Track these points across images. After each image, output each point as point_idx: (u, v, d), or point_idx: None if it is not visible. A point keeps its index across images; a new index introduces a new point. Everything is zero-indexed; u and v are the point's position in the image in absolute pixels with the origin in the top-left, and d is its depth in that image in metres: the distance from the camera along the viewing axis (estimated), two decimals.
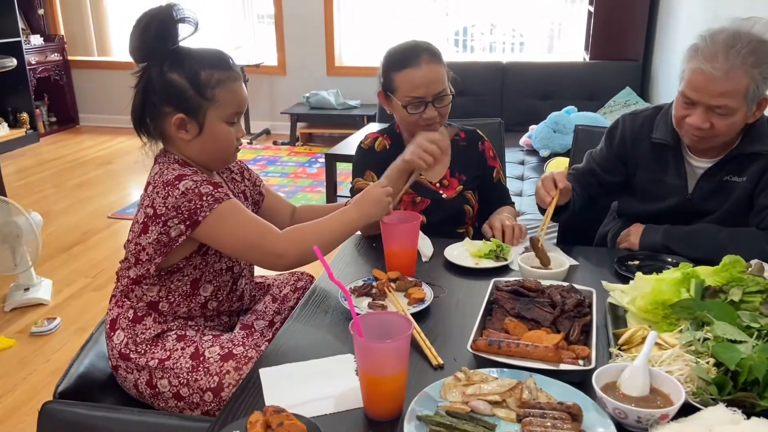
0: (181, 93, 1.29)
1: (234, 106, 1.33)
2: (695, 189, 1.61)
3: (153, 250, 1.30)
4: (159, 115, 1.32)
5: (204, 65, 1.30)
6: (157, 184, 1.29)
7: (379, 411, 0.98)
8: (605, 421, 0.92)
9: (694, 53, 1.45)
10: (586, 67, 4.72)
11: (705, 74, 1.41)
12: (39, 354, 2.59)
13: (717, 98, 1.42)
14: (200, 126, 1.31)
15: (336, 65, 5.99)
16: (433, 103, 1.67)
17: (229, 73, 1.32)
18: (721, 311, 1.06)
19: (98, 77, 6.45)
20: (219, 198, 1.26)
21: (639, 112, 1.72)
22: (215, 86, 1.30)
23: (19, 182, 4.79)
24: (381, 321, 1.01)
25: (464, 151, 1.86)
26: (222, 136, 1.34)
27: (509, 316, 1.21)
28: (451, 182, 1.82)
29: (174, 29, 1.30)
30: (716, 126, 1.46)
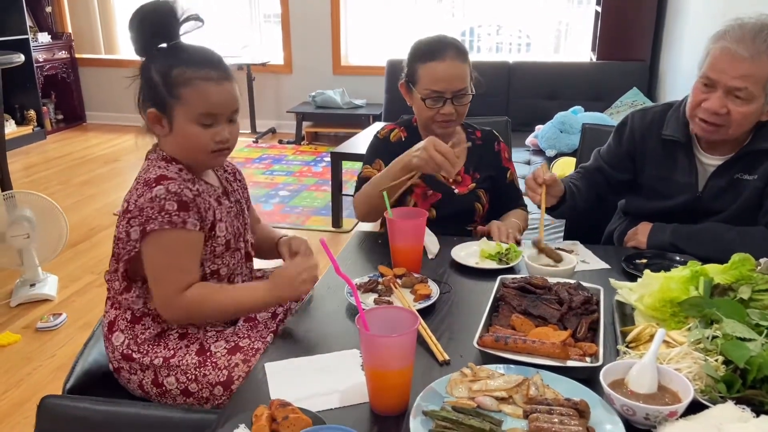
0: (154, 87, 1.27)
1: (202, 107, 1.26)
2: (705, 187, 1.60)
3: (119, 246, 1.29)
4: (143, 110, 1.32)
5: (181, 62, 1.26)
6: (140, 181, 1.29)
7: (384, 406, 0.98)
8: (613, 417, 0.91)
9: (721, 35, 1.45)
10: (593, 68, 4.70)
11: (731, 53, 1.41)
12: (44, 349, 2.60)
13: (738, 80, 1.42)
14: (171, 124, 1.29)
15: (342, 64, 5.99)
16: (452, 100, 1.67)
17: (205, 71, 1.26)
18: (730, 309, 1.05)
19: (105, 75, 6.47)
20: (174, 222, 1.23)
21: (649, 109, 1.71)
22: (182, 84, 1.25)
23: (26, 179, 4.81)
24: (387, 315, 1.01)
25: (480, 150, 1.85)
26: (192, 137, 1.28)
27: (516, 312, 1.20)
28: (465, 179, 1.82)
29: (171, 26, 1.28)
30: (732, 113, 1.45)
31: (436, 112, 1.67)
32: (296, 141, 5.87)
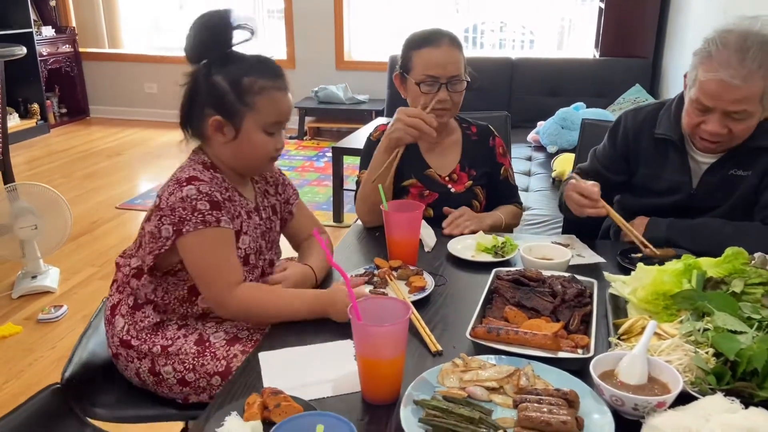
0: (222, 96, 1.29)
1: (273, 116, 1.31)
2: (699, 184, 1.60)
3: (149, 240, 1.30)
4: (200, 116, 1.32)
5: (249, 71, 1.29)
6: (173, 178, 1.31)
7: (376, 395, 0.99)
8: (602, 408, 0.92)
9: (706, 59, 1.42)
10: (596, 64, 4.69)
11: (723, 83, 1.38)
12: (45, 341, 2.61)
13: (734, 104, 1.40)
14: (236, 131, 1.30)
15: (345, 60, 5.99)
16: (447, 87, 1.67)
17: (275, 82, 1.31)
18: (722, 302, 1.05)
19: (109, 69, 6.48)
20: (208, 221, 1.25)
21: (641, 108, 1.71)
22: (256, 93, 1.29)
23: (29, 172, 4.83)
24: (379, 306, 1.02)
25: (475, 146, 1.85)
26: (257, 144, 1.32)
27: (509, 304, 1.21)
28: (461, 177, 1.81)
29: (228, 34, 1.30)
30: (734, 131, 1.45)
31: (430, 99, 1.67)
32: (299, 136, 5.88)
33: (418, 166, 1.78)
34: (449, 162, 1.81)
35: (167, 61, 6.31)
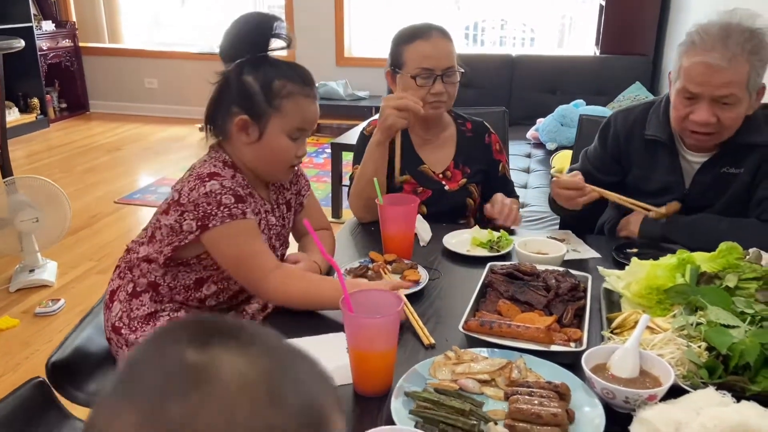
0: (251, 96, 1.29)
1: (298, 121, 1.31)
2: (692, 184, 1.59)
3: (166, 234, 1.30)
4: (227, 113, 1.32)
5: (281, 75, 1.30)
6: (193, 173, 1.30)
7: (367, 387, 0.99)
8: (593, 401, 0.92)
9: (690, 47, 1.43)
10: (596, 62, 4.68)
11: (707, 65, 1.39)
12: (42, 334, 2.61)
13: (722, 88, 1.40)
14: (261, 132, 1.30)
15: (345, 56, 5.98)
16: (442, 78, 1.66)
17: (304, 89, 1.32)
18: (715, 297, 1.05)
19: (109, 64, 6.47)
20: (234, 214, 1.25)
21: (631, 109, 1.71)
22: (284, 97, 1.29)
23: (28, 166, 4.83)
24: (371, 298, 1.02)
25: (470, 143, 1.84)
26: (279, 148, 1.32)
27: (503, 298, 1.20)
28: (455, 174, 1.80)
29: (266, 37, 1.31)
30: (722, 119, 1.44)
31: (426, 92, 1.66)
32: None
33: (412, 162, 1.77)
34: (443, 158, 1.81)
35: (167, 56, 6.30)
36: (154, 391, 0.44)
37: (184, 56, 6.24)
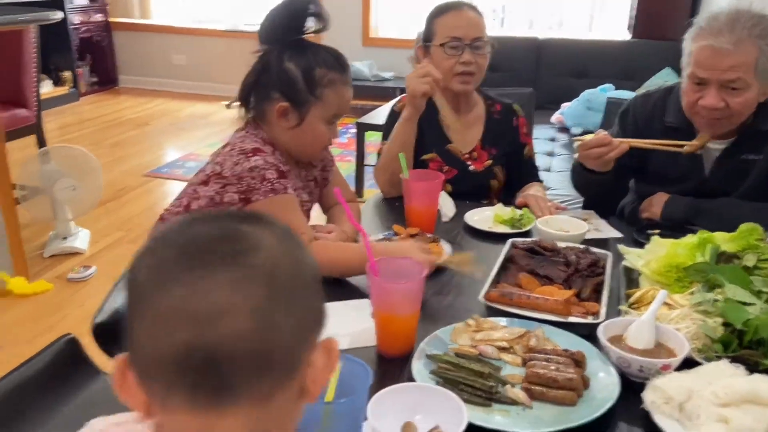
0: (293, 83, 1.33)
1: (336, 108, 1.36)
2: (712, 171, 1.59)
3: (205, 204, 1.35)
4: (266, 97, 1.36)
5: (321, 63, 1.33)
6: (235, 148, 1.34)
7: (391, 349, 1.03)
8: (608, 369, 0.95)
9: (697, 32, 1.45)
10: (626, 46, 4.62)
11: (713, 49, 1.40)
12: (74, 298, 2.71)
13: (728, 72, 1.41)
14: (301, 119, 1.35)
15: (371, 36, 5.97)
16: (471, 48, 1.68)
17: (343, 76, 1.36)
18: (733, 275, 1.07)
19: (138, 40, 6.55)
20: (276, 189, 1.29)
21: (650, 94, 1.71)
22: (325, 85, 1.33)
23: (60, 138, 4.94)
24: (396, 265, 1.05)
25: (498, 125, 1.85)
26: (317, 134, 1.37)
27: (523, 272, 1.24)
28: (481, 155, 1.82)
29: (304, 20, 1.34)
30: (731, 104, 1.45)
31: (455, 62, 1.68)
32: None
33: (440, 140, 1.80)
34: (471, 138, 1.82)
35: (196, 33, 6.36)
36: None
37: (211, 33, 6.29)
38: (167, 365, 0.50)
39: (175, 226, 0.56)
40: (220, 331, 0.49)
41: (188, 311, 0.50)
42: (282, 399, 0.54)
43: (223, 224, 0.55)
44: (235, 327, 0.50)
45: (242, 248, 0.53)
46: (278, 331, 0.52)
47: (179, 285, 0.51)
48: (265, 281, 0.52)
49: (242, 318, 0.50)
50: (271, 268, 0.53)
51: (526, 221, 1.55)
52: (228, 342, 0.50)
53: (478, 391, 0.90)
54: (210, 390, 0.51)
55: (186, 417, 0.52)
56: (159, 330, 0.50)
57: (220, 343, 0.49)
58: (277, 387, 0.54)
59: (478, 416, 0.86)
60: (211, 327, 0.49)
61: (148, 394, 0.54)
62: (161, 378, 0.51)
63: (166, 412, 0.53)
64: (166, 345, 0.50)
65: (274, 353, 0.52)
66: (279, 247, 0.55)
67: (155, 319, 0.51)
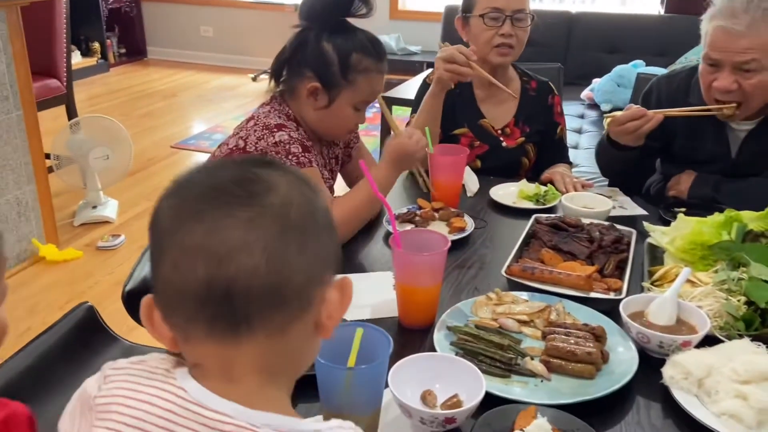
0: (327, 65, 1.32)
1: (366, 95, 1.37)
2: (739, 153, 1.56)
3: None
4: (298, 74, 1.36)
5: (359, 48, 1.33)
6: (258, 123, 1.35)
7: (412, 320, 1.05)
8: (628, 344, 0.95)
9: (713, 14, 1.42)
10: (660, 21, 4.51)
11: (726, 30, 1.37)
12: (104, 266, 2.78)
13: (741, 54, 1.38)
14: (330, 101, 1.35)
15: (399, 9, 5.91)
16: (511, 20, 1.65)
17: (378, 65, 1.35)
18: (760, 254, 1.06)
19: (167, 11, 6.57)
20: (302, 162, 1.31)
21: (674, 75, 1.68)
22: (360, 72, 1.33)
23: (90, 108, 5.01)
24: (419, 237, 1.07)
25: (533, 102, 1.82)
26: (344, 118, 1.38)
27: (546, 247, 1.24)
28: (514, 132, 1.80)
29: (349, 5, 1.32)
30: (744, 86, 1.42)
31: (494, 34, 1.65)
32: None
33: (472, 115, 1.77)
34: (504, 114, 1.80)
35: (223, 4, 6.36)
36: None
37: (239, 5, 6.28)
38: (188, 299, 0.54)
39: (196, 171, 0.60)
40: (235, 267, 0.53)
41: (207, 248, 0.53)
42: (296, 332, 0.58)
43: (242, 168, 0.58)
44: (249, 263, 0.53)
45: (258, 190, 0.55)
46: (289, 268, 0.55)
47: (199, 224, 0.54)
48: (278, 220, 0.55)
49: (255, 255, 0.53)
50: (283, 208, 0.55)
51: (551, 197, 1.54)
52: (243, 277, 0.53)
53: (497, 362, 0.92)
54: (227, 322, 0.54)
55: (206, 347, 0.56)
56: (181, 266, 0.54)
57: (235, 279, 0.53)
58: (292, 320, 0.57)
59: (497, 387, 0.87)
60: (227, 263, 0.53)
61: (171, 328, 0.58)
62: (183, 311, 0.55)
63: (188, 342, 0.57)
64: (187, 280, 0.53)
65: (287, 288, 0.55)
66: (293, 189, 0.57)
67: (178, 256, 0.54)
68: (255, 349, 0.56)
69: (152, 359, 0.62)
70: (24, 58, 2.58)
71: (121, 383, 0.59)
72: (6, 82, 2.53)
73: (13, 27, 2.52)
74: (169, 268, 0.55)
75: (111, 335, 1.35)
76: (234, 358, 0.56)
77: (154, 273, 0.57)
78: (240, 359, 0.56)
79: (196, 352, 0.57)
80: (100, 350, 1.31)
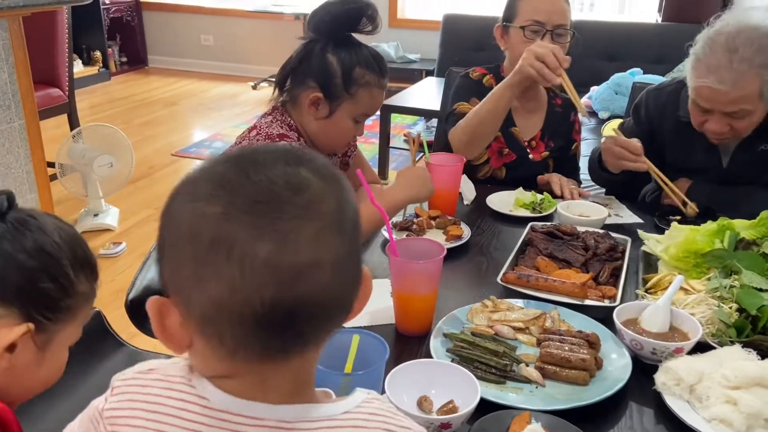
0: (331, 76, 1.35)
1: (366, 109, 1.40)
2: (730, 163, 1.58)
3: None
4: (302, 83, 1.39)
5: (362, 63, 1.36)
6: (261, 132, 1.38)
7: (409, 327, 1.06)
8: (621, 351, 0.97)
9: (695, 63, 1.42)
10: (657, 29, 4.54)
11: (712, 89, 1.38)
12: (105, 274, 2.73)
13: (730, 105, 1.40)
14: (330, 112, 1.38)
15: (398, 17, 5.95)
16: (552, 35, 1.63)
17: (379, 80, 1.38)
18: (751, 262, 1.08)
19: (168, 20, 6.62)
20: None
21: (662, 88, 1.69)
22: (361, 85, 1.36)
23: (91, 117, 5.04)
24: (415, 245, 1.08)
25: (558, 118, 1.82)
26: (343, 128, 1.41)
27: (542, 255, 1.25)
28: (539, 145, 1.79)
29: (357, 22, 1.35)
30: (736, 127, 1.45)
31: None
32: None
33: (506, 121, 1.70)
34: (532, 126, 1.80)
35: (223, 13, 6.40)
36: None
37: (239, 14, 6.32)
38: (246, 320, 0.49)
39: (230, 168, 0.53)
40: (305, 286, 0.49)
41: (278, 267, 0.48)
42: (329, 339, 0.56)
43: (284, 169, 0.52)
44: (320, 281, 0.50)
45: (313, 198, 0.51)
46: (347, 278, 0.53)
47: (265, 239, 0.48)
48: (336, 230, 0.52)
49: (326, 271, 0.50)
50: (339, 215, 0.52)
51: (547, 206, 1.56)
52: (312, 296, 0.50)
53: (493, 369, 0.93)
54: (282, 341, 0.51)
55: (250, 365, 0.52)
56: (243, 286, 0.48)
57: (303, 298, 0.49)
58: (336, 328, 0.55)
59: (492, 393, 0.89)
60: (298, 282, 0.49)
61: (207, 343, 0.52)
62: (235, 330, 0.50)
63: (230, 360, 0.52)
64: (249, 301, 0.49)
65: (344, 298, 0.54)
66: (337, 192, 0.54)
67: (238, 274, 0.48)
68: (294, 364, 0.54)
69: (163, 367, 0.59)
70: (26, 67, 2.60)
71: (133, 395, 0.57)
72: (8, 91, 2.55)
73: (15, 36, 2.54)
74: (224, 287, 0.49)
75: (117, 340, 1.37)
76: (273, 374, 0.53)
77: (195, 291, 0.51)
78: (279, 374, 0.54)
79: (234, 368, 0.53)
80: (107, 355, 1.33)
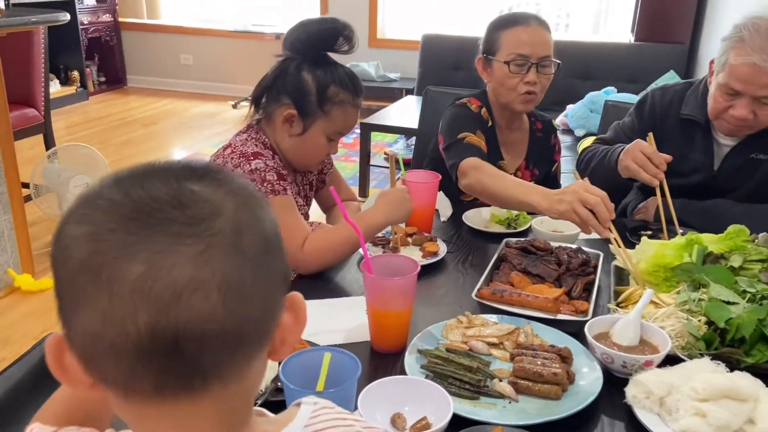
0: (305, 94, 1.37)
1: (340, 127, 1.41)
2: (721, 166, 1.62)
3: None
4: (276, 100, 1.40)
5: (337, 81, 1.38)
6: (236, 151, 1.38)
7: (383, 344, 1.06)
8: (593, 365, 0.98)
9: (738, 43, 1.45)
10: (631, 49, 4.64)
11: (755, 66, 1.41)
12: None
13: (764, 89, 1.43)
14: (304, 129, 1.39)
15: (378, 37, 6.01)
16: (537, 68, 1.62)
17: (354, 99, 1.41)
18: (719, 275, 1.09)
19: (147, 40, 6.61)
20: (276, 190, 1.34)
21: (669, 87, 1.73)
22: (335, 104, 1.38)
23: (68, 137, 5.00)
24: (390, 262, 1.09)
25: (540, 143, 1.81)
26: (317, 146, 1.42)
27: (516, 270, 1.26)
28: (524, 175, 1.78)
29: (333, 41, 1.37)
30: (759, 115, 1.48)
31: (519, 81, 1.62)
32: None
33: (493, 155, 1.70)
34: (516, 157, 1.80)
35: (204, 33, 6.42)
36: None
37: (218, 33, 6.34)
38: (126, 353, 0.44)
39: (110, 187, 0.47)
40: (186, 312, 0.44)
41: (149, 293, 0.43)
42: (254, 370, 0.51)
43: (175, 184, 0.47)
44: (203, 305, 0.44)
45: (201, 213, 0.45)
46: (248, 303, 0.47)
47: (133, 261, 0.43)
48: (231, 250, 0.46)
49: (211, 296, 0.44)
50: (234, 234, 0.46)
51: (522, 222, 1.58)
52: (195, 323, 0.44)
53: (467, 384, 0.93)
54: (178, 375, 0.46)
55: (155, 407, 0.47)
56: (113, 315, 0.43)
57: (186, 324, 0.44)
58: (250, 360, 0.50)
59: (465, 409, 0.89)
60: (176, 309, 0.43)
61: (103, 385, 0.48)
62: (119, 367, 0.45)
63: (128, 401, 0.48)
64: (123, 332, 0.43)
65: (247, 327, 0.47)
66: (241, 209, 0.48)
67: (107, 302, 0.43)
68: (212, 402, 0.48)
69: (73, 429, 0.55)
70: (1, 87, 2.58)
71: None
72: None
73: None
74: (96, 318, 0.44)
75: None
76: (188, 415, 0.48)
77: (69, 322, 0.46)
78: (198, 415, 0.48)
79: (142, 414, 0.49)
80: None
